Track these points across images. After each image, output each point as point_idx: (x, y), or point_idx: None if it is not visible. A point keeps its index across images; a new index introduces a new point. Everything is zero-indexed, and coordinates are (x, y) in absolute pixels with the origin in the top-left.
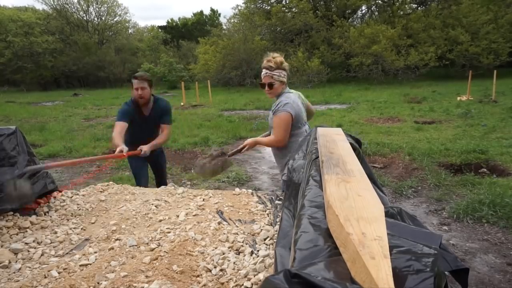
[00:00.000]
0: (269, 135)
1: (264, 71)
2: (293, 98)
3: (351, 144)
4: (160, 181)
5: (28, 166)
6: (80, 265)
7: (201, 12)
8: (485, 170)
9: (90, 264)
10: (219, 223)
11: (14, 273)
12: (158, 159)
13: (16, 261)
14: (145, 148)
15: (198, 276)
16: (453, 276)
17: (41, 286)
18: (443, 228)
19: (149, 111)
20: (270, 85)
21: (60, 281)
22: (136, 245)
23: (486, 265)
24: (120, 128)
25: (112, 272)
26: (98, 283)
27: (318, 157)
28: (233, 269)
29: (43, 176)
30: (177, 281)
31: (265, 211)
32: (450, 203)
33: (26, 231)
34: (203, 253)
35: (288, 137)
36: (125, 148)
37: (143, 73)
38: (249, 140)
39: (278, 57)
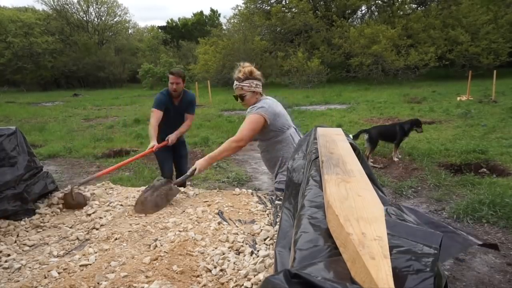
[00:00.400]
0: None
1: (235, 83)
2: (270, 103)
3: (351, 144)
4: (180, 174)
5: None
6: (80, 265)
7: (201, 12)
8: (485, 170)
9: (90, 264)
10: (219, 223)
11: (14, 273)
12: (180, 148)
13: (16, 261)
14: (172, 137)
15: (198, 276)
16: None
17: (41, 286)
18: None
19: (179, 102)
20: (241, 97)
21: (60, 281)
22: (136, 245)
23: (486, 265)
24: (157, 116)
25: (112, 272)
26: (98, 283)
27: (318, 157)
28: (233, 269)
29: (43, 176)
30: (177, 281)
31: (265, 211)
32: (450, 203)
33: (26, 231)
34: (203, 253)
35: (272, 143)
36: (156, 144)
37: (179, 70)
38: (199, 162)
39: (248, 66)
